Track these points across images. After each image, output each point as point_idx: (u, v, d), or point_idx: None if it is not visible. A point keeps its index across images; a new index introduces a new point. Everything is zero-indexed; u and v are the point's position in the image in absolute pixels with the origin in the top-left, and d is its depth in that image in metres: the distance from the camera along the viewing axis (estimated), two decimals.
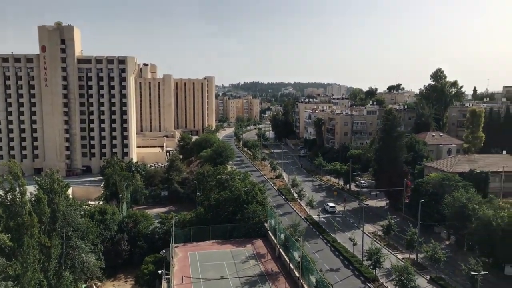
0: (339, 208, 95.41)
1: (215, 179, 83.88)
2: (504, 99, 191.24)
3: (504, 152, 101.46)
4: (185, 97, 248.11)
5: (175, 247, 62.39)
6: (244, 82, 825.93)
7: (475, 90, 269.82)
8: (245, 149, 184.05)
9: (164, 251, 57.78)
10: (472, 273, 50.91)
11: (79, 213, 57.20)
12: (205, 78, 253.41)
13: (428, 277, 60.96)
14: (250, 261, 59.91)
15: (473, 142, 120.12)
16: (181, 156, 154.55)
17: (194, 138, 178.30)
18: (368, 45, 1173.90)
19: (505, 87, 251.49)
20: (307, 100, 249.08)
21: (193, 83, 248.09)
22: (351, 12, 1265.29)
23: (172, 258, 57.14)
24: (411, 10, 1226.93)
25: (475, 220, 64.89)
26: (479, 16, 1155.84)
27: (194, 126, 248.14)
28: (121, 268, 68.67)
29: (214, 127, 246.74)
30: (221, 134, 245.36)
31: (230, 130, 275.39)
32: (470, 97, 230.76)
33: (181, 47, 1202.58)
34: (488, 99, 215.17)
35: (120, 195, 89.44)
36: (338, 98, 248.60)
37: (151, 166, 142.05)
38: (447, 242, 74.77)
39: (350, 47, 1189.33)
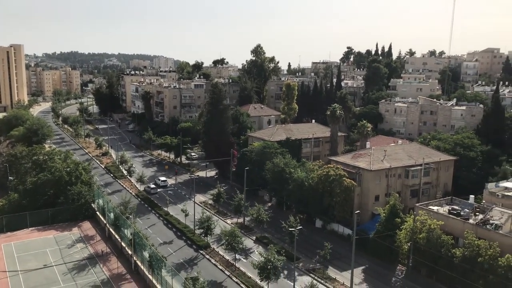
0: (171, 181, 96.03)
1: (30, 160, 77.44)
2: (312, 74, 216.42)
3: (314, 121, 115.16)
4: None
5: None
6: (61, 52, 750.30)
7: (289, 65, 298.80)
8: (66, 126, 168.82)
9: None
10: (290, 229, 57.45)
11: None
12: (11, 46, 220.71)
13: (254, 238, 66.62)
14: (78, 244, 56.77)
15: (288, 113, 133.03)
16: None
17: (1, 115, 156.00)
18: (195, 19, 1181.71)
19: (313, 63, 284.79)
20: (133, 72, 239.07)
21: None
22: None
23: None
24: None
25: (291, 182, 72.86)
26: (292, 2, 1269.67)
27: (0, 102, 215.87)
28: None
29: (26, 102, 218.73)
30: (36, 110, 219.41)
31: (46, 105, 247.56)
32: (285, 72, 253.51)
33: None
34: (300, 74, 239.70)
35: None
36: (165, 71, 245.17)
37: None
38: (270, 204, 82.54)
39: (177, 21, 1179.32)
